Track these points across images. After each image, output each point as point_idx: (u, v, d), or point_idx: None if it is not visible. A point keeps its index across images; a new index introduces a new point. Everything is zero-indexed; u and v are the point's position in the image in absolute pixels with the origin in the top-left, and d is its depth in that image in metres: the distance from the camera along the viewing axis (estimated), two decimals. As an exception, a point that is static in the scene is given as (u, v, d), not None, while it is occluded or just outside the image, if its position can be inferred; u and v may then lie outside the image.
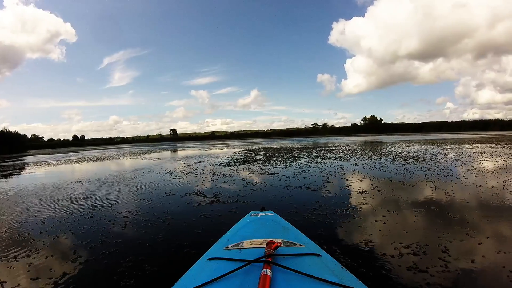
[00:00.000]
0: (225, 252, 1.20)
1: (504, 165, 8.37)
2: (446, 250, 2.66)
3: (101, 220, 4.14)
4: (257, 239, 1.27)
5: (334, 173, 7.69)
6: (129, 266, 2.57)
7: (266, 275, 0.90)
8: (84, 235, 3.52)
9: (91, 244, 3.18)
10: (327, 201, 4.69)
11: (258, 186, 6.14)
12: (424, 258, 2.52)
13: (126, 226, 3.79)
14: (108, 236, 3.43)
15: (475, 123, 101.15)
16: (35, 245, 3.25)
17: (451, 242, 2.85)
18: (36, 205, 5.32)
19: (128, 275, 2.41)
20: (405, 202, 4.49)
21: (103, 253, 2.91)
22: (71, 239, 3.43)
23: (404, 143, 23.16)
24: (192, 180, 7.48)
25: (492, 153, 12.16)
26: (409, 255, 2.60)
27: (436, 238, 2.98)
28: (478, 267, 2.36)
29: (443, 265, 2.38)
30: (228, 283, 0.93)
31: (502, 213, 3.79)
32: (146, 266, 2.55)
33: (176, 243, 3.08)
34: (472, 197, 4.68)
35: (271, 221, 1.62)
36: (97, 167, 13.16)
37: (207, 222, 3.79)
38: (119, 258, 2.78)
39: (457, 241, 2.88)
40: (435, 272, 2.29)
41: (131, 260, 2.69)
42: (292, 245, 1.22)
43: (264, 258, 1.01)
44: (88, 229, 3.76)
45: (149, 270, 2.48)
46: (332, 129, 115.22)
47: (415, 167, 8.39)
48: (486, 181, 5.97)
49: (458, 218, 3.65)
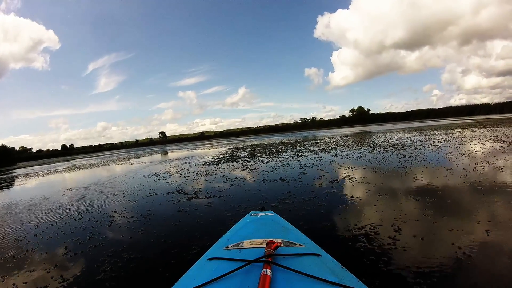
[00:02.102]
0: (225, 252, 1.22)
1: (480, 148, 8.60)
2: (399, 229, 2.94)
3: (89, 220, 4.58)
4: (257, 239, 1.29)
5: (312, 165, 8.07)
6: (110, 256, 3.02)
7: (266, 275, 0.91)
8: (74, 234, 3.97)
9: (80, 240, 3.64)
10: (298, 191, 5.08)
11: (236, 182, 6.58)
12: (377, 236, 2.81)
13: (111, 224, 4.25)
14: (95, 233, 3.89)
15: (461, 109, 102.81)
16: (30, 245, 3.69)
17: (406, 222, 3.11)
18: (29, 212, 5.74)
19: (107, 262, 2.87)
20: (372, 188, 4.76)
21: (90, 247, 3.36)
22: (62, 237, 3.88)
23: (389, 132, 23.57)
24: (176, 180, 7.92)
25: (472, 137, 12.50)
26: (365, 235, 2.87)
27: (392, 219, 3.24)
28: (423, 242, 2.63)
29: (391, 243, 2.63)
30: (228, 283, 0.95)
31: (466, 195, 4.01)
32: (124, 255, 3.00)
33: (154, 235, 3.54)
34: (439, 180, 4.94)
35: (271, 221, 1.65)
36: (87, 175, 13.50)
37: (184, 215, 4.25)
38: (103, 249, 3.24)
39: (412, 221, 3.16)
40: (386, 246, 2.58)
41: (113, 251, 3.14)
42: (292, 245, 1.24)
43: (264, 258, 1.02)
44: (77, 228, 4.21)
45: (127, 258, 2.93)
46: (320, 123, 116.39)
47: (392, 155, 8.75)
48: (459, 164, 6.25)
49: (418, 199, 3.92)
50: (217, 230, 3.40)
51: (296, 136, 38.32)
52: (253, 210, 2.02)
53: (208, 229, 3.53)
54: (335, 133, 34.56)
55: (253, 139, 42.00)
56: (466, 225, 2.96)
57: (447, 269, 2.17)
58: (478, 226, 2.87)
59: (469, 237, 2.66)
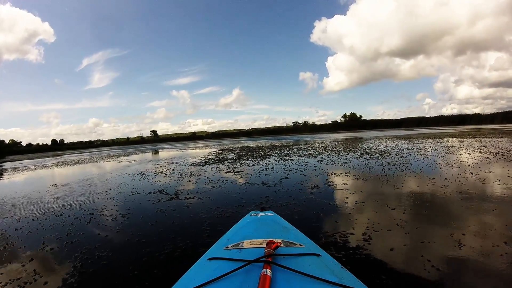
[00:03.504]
0: (225, 252, 1.23)
1: (466, 158, 8.71)
2: (369, 238, 3.00)
3: (70, 217, 4.71)
4: (257, 239, 1.30)
5: (296, 170, 8.17)
6: (83, 252, 3.17)
7: (266, 275, 0.91)
8: (53, 229, 4.10)
9: (58, 236, 3.77)
10: (277, 195, 5.19)
11: (218, 184, 6.73)
12: (346, 245, 2.87)
13: (90, 221, 4.38)
14: (73, 229, 4.03)
15: (452, 118, 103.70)
16: (10, 239, 3.81)
17: (377, 232, 3.17)
18: (12, 207, 5.82)
19: (79, 258, 3.01)
20: (350, 196, 4.82)
21: (66, 243, 3.51)
22: (41, 233, 4.00)
23: (378, 139, 23.71)
24: (160, 180, 8.06)
25: (460, 147, 12.64)
26: (334, 243, 2.93)
27: (365, 228, 3.31)
28: (391, 252, 2.67)
29: (359, 253, 2.69)
30: (228, 283, 0.95)
31: (443, 206, 4.03)
32: (96, 252, 3.14)
33: (130, 234, 3.69)
34: (419, 189, 5.00)
35: (271, 221, 1.66)
36: (74, 171, 13.52)
37: (161, 216, 4.41)
38: (78, 246, 3.38)
39: (385, 231, 3.20)
40: (353, 256, 2.63)
41: (87, 248, 3.29)
42: (292, 245, 1.24)
43: (264, 258, 1.03)
44: (57, 224, 4.34)
45: (98, 255, 3.07)
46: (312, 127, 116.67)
47: (376, 162, 8.89)
48: (442, 174, 6.32)
49: (395, 209, 3.95)
50: (190, 232, 3.58)
51: (286, 139, 38.54)
52: (253, 210, 2.03)
53: (182, 230, 3.67)
54: (325, 138, 34.81)
55: (244, 141, 42.18)
56: (439, 238, 2.96)
57: (412, 283, 2.18)
58: (451, 240, 2.88)
59: (440, 250, 2.67)
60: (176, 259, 2.82)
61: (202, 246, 3.05)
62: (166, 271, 2.59)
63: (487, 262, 2.39)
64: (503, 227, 3.13)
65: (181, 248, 3.06)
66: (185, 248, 3.06)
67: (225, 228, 3.42)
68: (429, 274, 2.26)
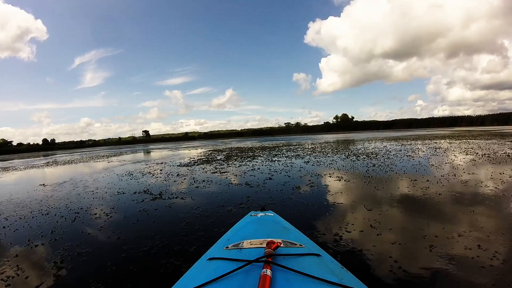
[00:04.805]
0: (225, 252, 1.23)
1: (451, 160, 8.81)
2: (340, 239, 3.05)
3: (56, 215, 4.90)
4: (257, 239, 1.29)
5: (281, 171, 8.29)
6: (65, 249, 3.36)
7: (266, 275, 0.91)
8: (39, 227, 4.29)
9: (43, 234, 3.96)
10: (257, 196, 5.31)
11: (202, 185, 6.92)
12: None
13: (75, 220, 4.57)
14: (57, 227, 4.22)
15: (443, 120, 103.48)
16: (-5, 237, 3.99)
17: (350, 233, 3.24)
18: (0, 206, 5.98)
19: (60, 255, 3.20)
20: (329, 197, 4.92)
21: (50, 240, 3.71)
22: (28, 230, 4.19)
23: (368, 141, 23.68)
24: (146, 180, 8.24)
25: (447, 148, 12.75)
26: None
27: (338, 229, 3.37)
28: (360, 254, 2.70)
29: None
30: (228, 283, 0.95)
31: (421, 208, 4.07)
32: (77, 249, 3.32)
33: (111, 232, 3.89)
34: (399, 191, 5.09)
35: (271, 221, 1.67)
36: (63, 171, 13.60)
37: (143, 215, 4.61)
38: (60, 243, 3.57)
39: (357, 232, 3.28)
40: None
41: (69, 245, 3.48)
42: (292, 245, 1.24)
43: (264, 258, 1.03)
44: (43, 223, 4.53)
45: (79, 252, 3.26)
46: (304, 128, 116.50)
47: (362, 163, 9.00)
48: (424, 175, 6.39)
49: (371, 210, 4.04)
50: (168, 230, 3.78)
51: (277, 140, 38.70)
52: (253, 210, 2.04)
53: (161, 229, 3.87)
54: (316, 139, 34.89)
55: (235, 142, 42.25)
56: (411, 240, 2.97)
57: (374, 284, 2.19)
58: (422, 241, 2.91)
59: (410, 252, 2.70)
60: (152, 256, 3.02)
61: (177, 244, 3.25)
62: (142, 266, 2.79)
63: (455, 266, 2.40)
64: (478, 230, 3.16)
65: (158, 246, 3.26)
66: (162, 246, 3.26)
67: (202, 227, 3.69)
68: (394, 276, 2.31)
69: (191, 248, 3.10)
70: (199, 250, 2.99)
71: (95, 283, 2.51)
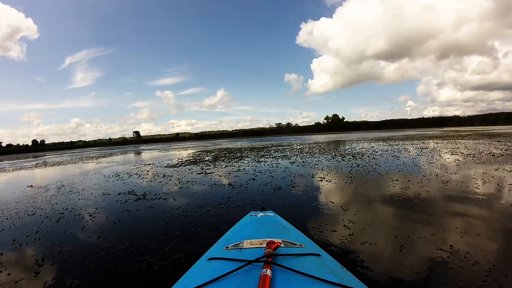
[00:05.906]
0: (225, 252, 1.23)
1: (436, 160, 8.89)
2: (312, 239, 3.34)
3: (41, 216, 5.08)
4: (257, 239, 1.29)
5: (265, 172, 8.43)
6: (47, 248, 3.55)
7: (266, 275, 0.91)
8: (24, 227, 4.48)
9: (27, 234, 4.15)
10: (238, 196, 5.45)
11: (186, 185, 7.12)
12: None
13: (59, 220, 4.77)
14: (42, 227, 4.41)
15: (433, 120, 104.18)
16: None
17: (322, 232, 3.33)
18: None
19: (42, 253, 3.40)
20: (308, 198, 5.03)
21: (34, 239, 3.90)
22: (13, 230, 4.37)
23: (357, 141, 23.88)
24: (132, 181, 8.42)
25: (433, 149, 12.89)
26: None
27: (311, 229, 3.45)
28: None
29: None
30: (228, 283, 0.95)
31: (398, 209, 4.12)
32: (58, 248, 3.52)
33: (92, 231, 4.09)
34: (379, 191, 5.19)
35: (271, 221, 1.66)
36: (52, 172, 13.68)
37: (125, 215, 4.81)
38: (43, 242, 3.77)
39: (329, 232, 3.32)
40: None
41: (51, 244, 3.67)
42: (292, 245, 1.24)
43: (264, 258, 1.03)
44: (28, 223, 4.71)
45: (59, 250, 3.46)
46: (295, 128, 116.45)
47: (346, 164, 9.10)
48: (406, 175, 6.51)
49: (348, 210, 4.12)
50: (147, 230, 3.98)
51: (267, 141, 38.86)
52: (253, 210, 2.05)
53: (140, 229, 4.07)
54: (306, 140, 35.05)
55: (226, 143, 42.37)
56: (384, 241, 3.00)
57: None
58: (394, 242, 2.94)
59: (381, 252, 2.72)
60: (129, 254, 3.22)
61: (154, 243, 3.45)
62: (118, 264, 2.99)
63: (424, 268, 2.41)
64: (453, 230, 3.20)
65: (135, 245, 3.47)
66: (139, 244, 3.47)
67: (180, 227, 3.90)
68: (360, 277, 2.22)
69: (167, 247, 3.28)
70: (175, 249, 3.19)
71: (71, 279, 2.72)
